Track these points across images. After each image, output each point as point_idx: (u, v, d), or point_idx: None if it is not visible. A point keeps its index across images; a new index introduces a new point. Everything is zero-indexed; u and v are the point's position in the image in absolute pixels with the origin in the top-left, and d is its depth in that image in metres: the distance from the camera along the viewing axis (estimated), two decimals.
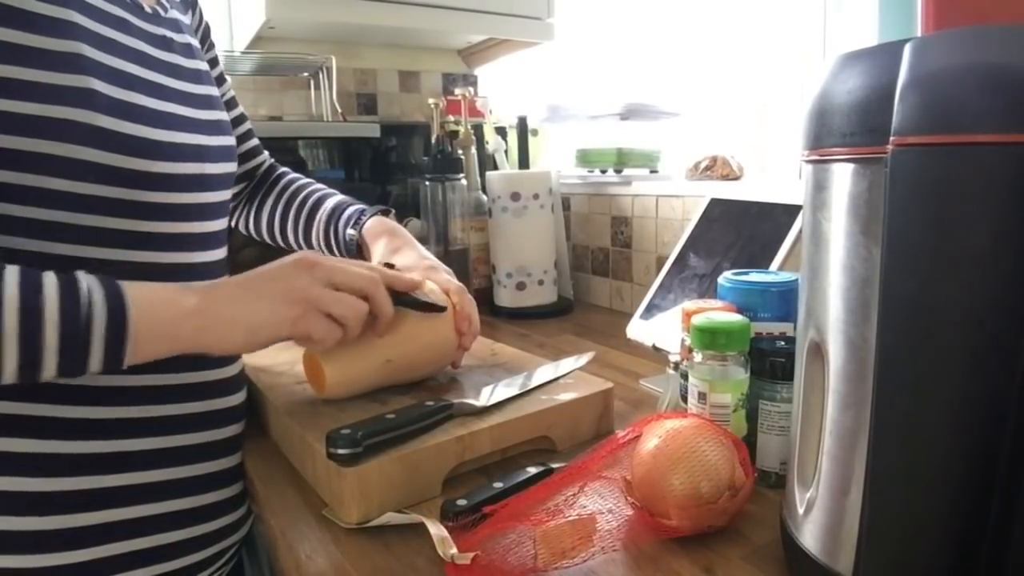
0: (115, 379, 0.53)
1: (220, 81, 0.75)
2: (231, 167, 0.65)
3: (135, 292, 0.45)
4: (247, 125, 0.81)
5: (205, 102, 0.61)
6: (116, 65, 0.51)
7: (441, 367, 0.67)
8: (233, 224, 0.86)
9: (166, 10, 0.60)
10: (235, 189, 0.82)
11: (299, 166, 1.20)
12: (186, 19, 0.65)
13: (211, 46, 0.74)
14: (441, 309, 0.63)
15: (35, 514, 0.50)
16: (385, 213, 0.78)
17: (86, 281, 0.44)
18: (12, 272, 0.42)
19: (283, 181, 0.84)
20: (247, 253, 1.06)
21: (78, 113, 0.47)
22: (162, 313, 0.46)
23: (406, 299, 0.60)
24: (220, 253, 0.64)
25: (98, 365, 0.44)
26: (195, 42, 0.65)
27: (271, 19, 1.14)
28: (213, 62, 0.73)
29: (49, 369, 0.42)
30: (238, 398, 0.64)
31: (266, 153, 0.85)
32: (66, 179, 0.48)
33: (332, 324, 0.53)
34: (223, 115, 0.65)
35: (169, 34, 0.59)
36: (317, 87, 1.42)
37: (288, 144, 1.20)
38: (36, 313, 0.41)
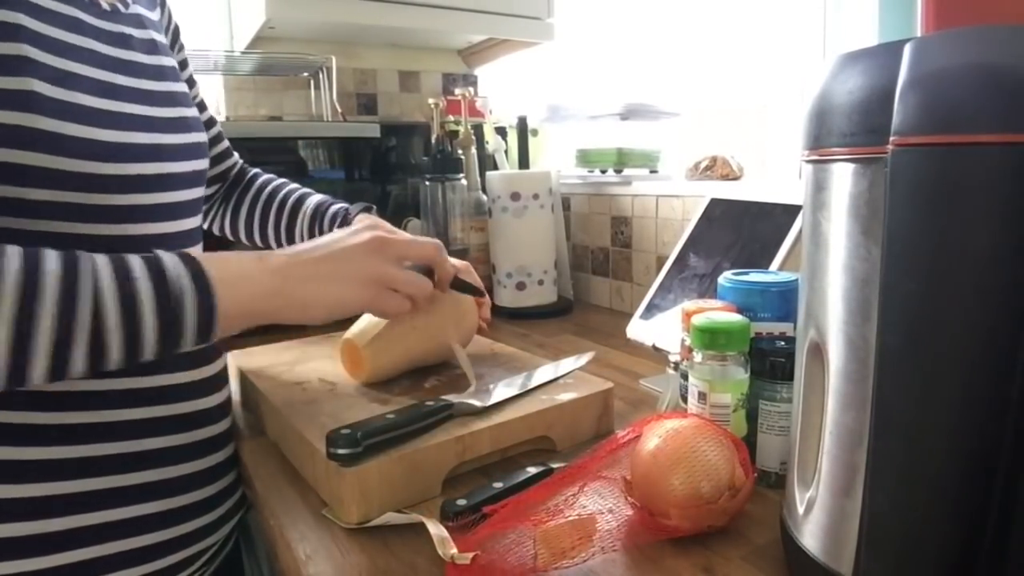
0: (89, 384, 0.52)
1: (188, 86, 0.73)
2: (199, 164, 0.63)
3: (216, 270, 0.47)
4: (217, 128, 0.80)
5: (167, 99, 0.60)
6: (62, 66, 0.50)
7: (466, 332, 0.71)
8: (207, 226, 0.85)
9: (127, 6, 0.59)
10: (208, 191, 0.81)
11: (299, 166, 1.20)
12: (151, 15, 0.64)
13: (180, 48, 0.72)
14: (481, 293, 0.71)
15: (13, 520, 0.50)
16: (367, 210, 0.78)
17: (171, 264, 0.46)
18: (104, 262, 0.44)
19: (258, 182, 0.84)
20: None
21: (19, 117, 0.46)
22: (244, 291, 0.48)
23: (455, 282, 0.66)
24: (195, 252, 0.63)
25: (190, 345, 0.47)
26: (160, 38, 0.63)
27: (271, 19, 1.14)
28: (182, 65, 0.72)
29: (147, 355, 0.45)
30: (218, 398, 0.63)
31: (236, 155, 0.85)
32: (13, 185, 0.47)
33: (403, 299, 0.56)
34: (189, 111, 0.63)
35: (128, 31, 0.58)
36: (317, 87, 1.42)
37: (288, 144, 1.20)
38: (135, 303, 0.44)
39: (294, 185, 0.83)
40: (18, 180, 0.47)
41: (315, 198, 0.80)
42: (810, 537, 0.37)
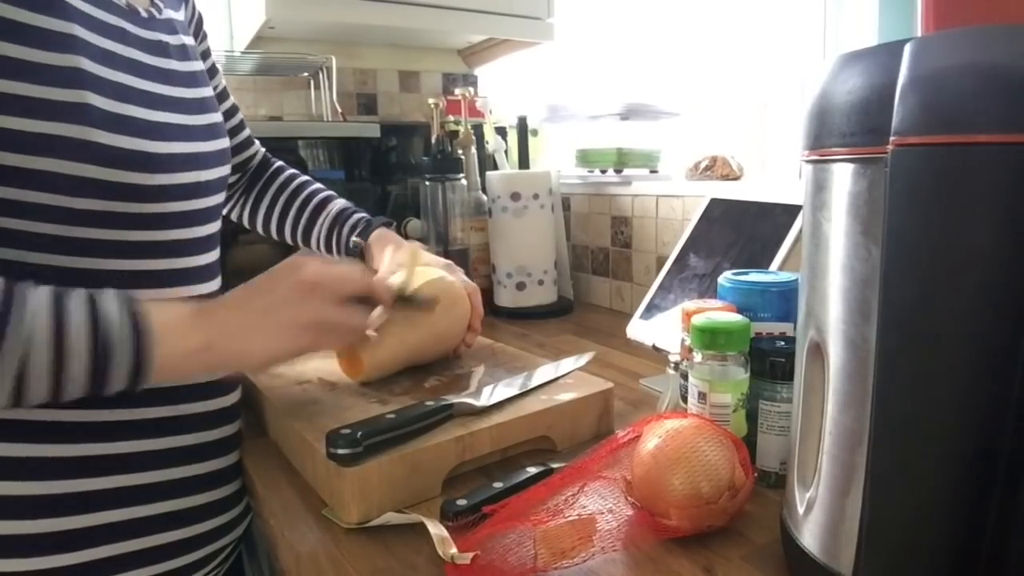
0: None
1: (212, 74, 0.73)
2: (225, 171, 0.64)
3: (155, 321, 0.45)
4: (239, 116, 0.80)
5: (199, 106, 0.61)
6: (113, 77, 0.51)
7: (459, 317, 0.72)
8: (225, 212, 0.86)
9: (160, 11, 0.60)
10: (230, 179, 0.81)
11: (299, 166, 1.19)
12: (179, 16, 0.64)
13: (204, 36, 0.72)
14: (431, 305, 0.66)
15: (28, 517, 0.50)
16: (387, 225, 0.79)
17: (114, 312, 0.44)
18: (45, 303, 0.42)
19: (282, 176, 0.84)
20: (262, 250, 1.07)
21: (74, 129, 0.47)
22: (178, 346, 0.47)
23: (401, 296, 0.64)
24: (212, 256, 0.63)
25: (116, 388, 0.45)
26: (189, 40, 0.64)
27: (271, 19, 1.14)
28: (205, 54, 0.72)
29: (71, 396, 0.44)
30: (230, 399, 0.63)
31: (258, 143, 0.85)
32: (63, 195, 0.48)
33: (342, 335, 0.56)
34: (217, 117, 0.64)
35: (164, 38, 0.59)
36: (317, 87, 1.42)
37: (288, 144, 1.20)
38: (66, 354, 0.42)
39: (318, 185, 0.84)
40: (69, 190, 0.48)
41: (339, 203, 0.82)
42: (810, 537, 0.37)
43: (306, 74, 1.43)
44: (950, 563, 0.31)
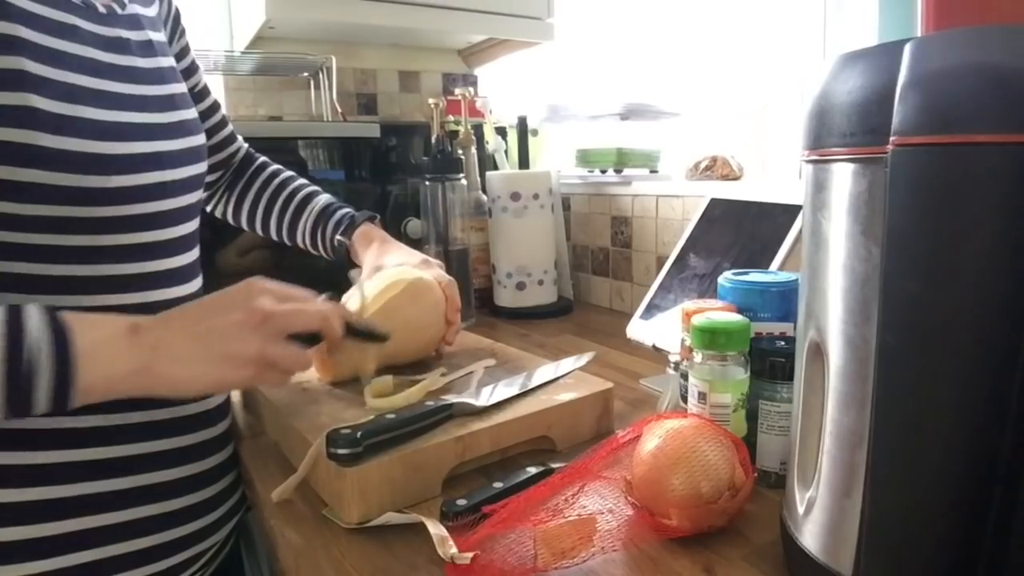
0: None
1: (190, 72, 0.72)
2: (198, 169, 0.62)
3: (81, 342, 0.43)
4: (220, 114, 0.79)
5: (165, 103, 0.59)
6: (61, 78, 0.49)
7: (434, 337, 0.71)
8: (209, 209, 0.85)
9: (123, 6, 0.58)
10: (211, 177, 0.81)
11: (299, 166, 1.20)
12: (149, 12, 0.62)
13: (182, 33, 0.71)
14: (383, 338, 0.62)
15: (11, 523, 0.50)
16: (372, 220, 0.79)
17: (35, 327, 0.42)
18: None
19: (265, 173, 0.83)
20: (256, 256, 1.07)
21: (17, 133, 0.46)
22: (107, 368, 0.44)
23: (352, 328, 0.59)
24: (190, 257, 0.62)
25: (42, 412, 0.43)
26: (157, 36, 0.62)
27: (271, 19, 1.14)
28: (183, 51, 0.71)
29: None
30: (216, 400, 0.63)
31: (241, 139, 0.84)
32: (12, 202, 0.47)
33: (281, 374, 0.51)
34: (188, 114, 0.62)
35: (125, 34, 0.57)
36: (317, 87, 1.42)
37: (288, 144, 1.20)
38: None
39: (302, 180, 0.84)
40: (16, 196, 0.47)
41: (322, 198, 0.81)
42: (810, 537, 0.37)
43: (306, 74, 1.43)
44: (950, 563, 0.31)
